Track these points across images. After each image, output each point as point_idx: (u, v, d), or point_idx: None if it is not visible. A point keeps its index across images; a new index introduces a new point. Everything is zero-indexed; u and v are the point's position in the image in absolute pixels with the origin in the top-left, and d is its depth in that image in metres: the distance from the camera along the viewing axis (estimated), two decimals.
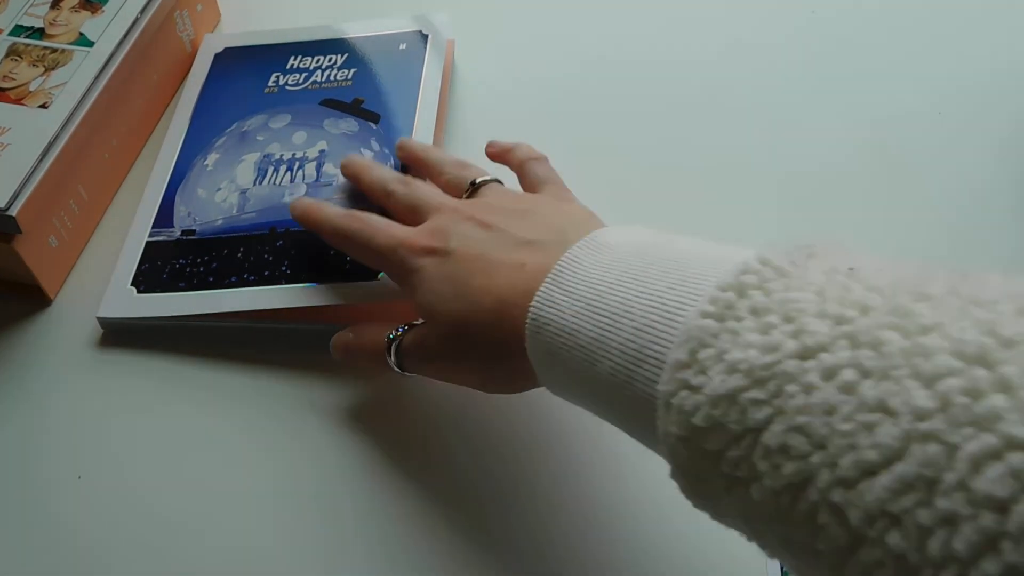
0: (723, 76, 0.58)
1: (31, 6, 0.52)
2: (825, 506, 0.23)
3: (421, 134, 0.51)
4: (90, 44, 0.50)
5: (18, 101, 0.47)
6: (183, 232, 0.48)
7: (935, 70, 0.58)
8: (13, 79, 0.48)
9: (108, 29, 0.51)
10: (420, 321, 0.40)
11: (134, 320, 0.46)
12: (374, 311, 0.45)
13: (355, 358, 0.44)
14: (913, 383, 0.22)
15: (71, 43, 0.50)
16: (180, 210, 0.49)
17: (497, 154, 0.47)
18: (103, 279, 0.49)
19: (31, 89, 0.48)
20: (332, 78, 0.55)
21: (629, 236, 0.34)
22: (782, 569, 0.38)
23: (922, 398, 0.22)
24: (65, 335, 0.47)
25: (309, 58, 0.56)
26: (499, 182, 0.44)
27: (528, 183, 0.44)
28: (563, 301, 0.33)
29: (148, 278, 0.47)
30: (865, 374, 0.23)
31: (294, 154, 0.51)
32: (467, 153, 0.47)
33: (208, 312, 0.45)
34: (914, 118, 0.55)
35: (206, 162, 0.51)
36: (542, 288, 0.34)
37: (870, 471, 0.22)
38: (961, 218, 0.51)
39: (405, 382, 0.44)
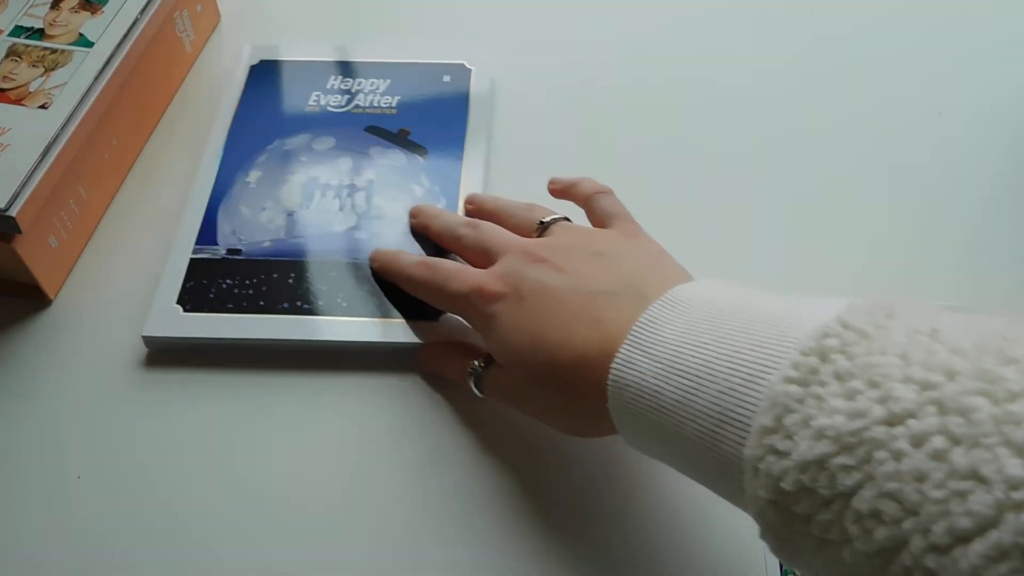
0: (724, 78, 0.59)
1: (31, 7, 0.52)
2: (919, 571, 0.24)
3: (471, 175, 0.51)
4: (90, 45, 0.50)
5: (18, 102, 0.47)
6: (228, 251, 0.48)
7: (935, 70, 0.58)
8: (13, 79, 0.48)
9: (108, 30, 0.51)
10: None
11: (181, 339, 0.45)
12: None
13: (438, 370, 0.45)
14: (1005, 451, 0.23)
15: (71, 44, 0.50)
16: (224, 227, 0.49)
17: (560, 190, 0.47)
18: (103, 280, 0.49)
19: (31, 90, 0.48)
20: (376, 104, 0.54)
21: (704, 292, 0.34)
22: (781, 568, 0.38)
23: (1015, 467, 0.22)
24: (65, 335, 0.47)
25: (350, 80, 0.56)
26: (567, 219, 0.44)
27: (596, 218, 0.44)
28: (644, 363, 0.33)
29: (194, 296, 0.46)
30: (955, 441, 0.24)
31: (341, 181, 0.51)
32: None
33: (261, 337, 0.45)
34: (914, 118, 0.56)
35: (248, 179, 0.51)
36: (622, 349, 0.33)
37: (964, 538, 0.23)
38: (961, 218, 0.51)
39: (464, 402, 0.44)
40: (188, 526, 0.41)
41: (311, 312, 0.45)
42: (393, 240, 0.48)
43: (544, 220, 0.43)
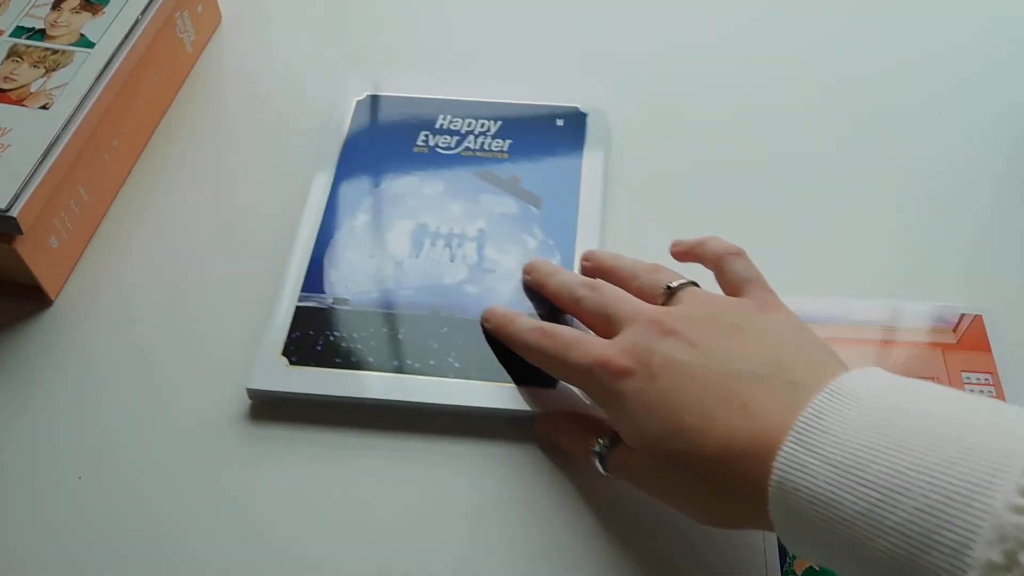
0: (724, 81, 0.59)
1: (32, 7, 0.53)
2: None
3: (587, 227, 0.49)
4: (91, 45, 0.50)
5: (19, 102, 0.47)
6: (335, 300, 0.46)
7: (935, 71, 0.58)
8: (14, 80, 0.49)
9: (109, 30, 0.51)
10: None
11: (286, 394, 0.43)
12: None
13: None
14: None
15: (72, 44, 0.50)
16: (330, 274, 0.47)
17: (686, 252, 0.44)
18: (105, 281, 0.49)
19: (32, 90, 0.48)
20: (486, 147, 0.53)
21: (873, 384, 0.31)
22: (782, 566, 0.38)
23: None
24: (66, 336, 0.47)
25: (459, 120, 0.54)
26: (696, 284, 0.41)
27: (728, 283, 0.41)
28: (814, 466, 0.30)
29: (300, 348, 0.44)
30: None
31: (451, 229, 0.49)
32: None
33: (370, 397, 0.43)
34: (914, 119, 0.56)
35: (355, 223, 0.49)
36: (786, 447, 0.30)
37: None
38: (964, 218, 0.51)
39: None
40: None
41: (421, 372, 0.43)
42: (505, 296, 0.46)
43: (671, 285, 0.40)
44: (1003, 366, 0.44)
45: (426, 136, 0.53)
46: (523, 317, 0.43)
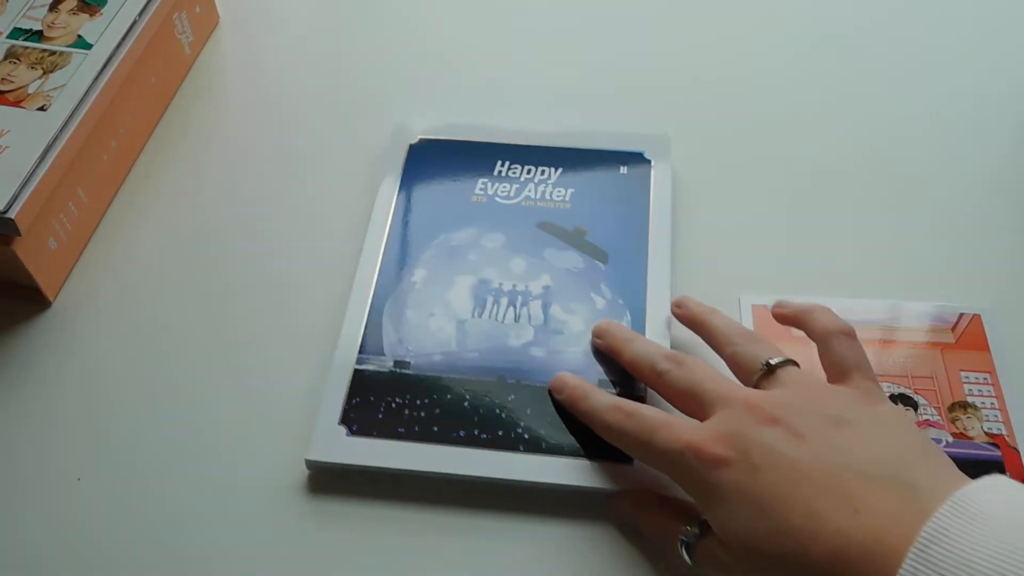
0: (726, 83, 0.59)
1: (29, 8, 0.53)
2: None
3: (657, 285, 0.46)
4: (88, 47, 0.50)
5: (17, 103, 0.47)
6: (396, 363, 0.44)
7: (932, 71, 0.58)
8: (12, 81, 0.49)
9: (106, 32, 0.51)
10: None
11: (346, 466, 0.41)
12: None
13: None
14: None
15: (70, 46, 0.50)
16: (389, 334, 0.45)
17: (789, 317, 0.42)
18: (105, 282, 0.49)
19: (29, 91, 0.48)
20: (547, 196, 0.50)
21: (1000, 495, 0.30)
22: None
23: None
24: (65, 337, 0.47)
25: (518, 166, 0.52)
26: (796, 364, 0.38)
27: (832, 366, 0.38)
28: None
29: (360, 417, 0.42)
30: None
31: (515, 285, 0.47)
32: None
33: (435, 471, 0.41)
34: (913, 120, 0.56)
35: (413, 278, 0.47)
36: (907, 566, 0.28)
37: None
38: (960, 218, 0.51)
39: None
40: None
41: (489, 444, 0.41)
42: (574, 361, 0.44)
43: (771, 362, 0.37)
44: (1001, 365, 0.44)
45: (484, 184, 0.51)
46: (599, 392, 0.41)
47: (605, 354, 0.44)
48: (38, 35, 0.51)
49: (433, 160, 0.52)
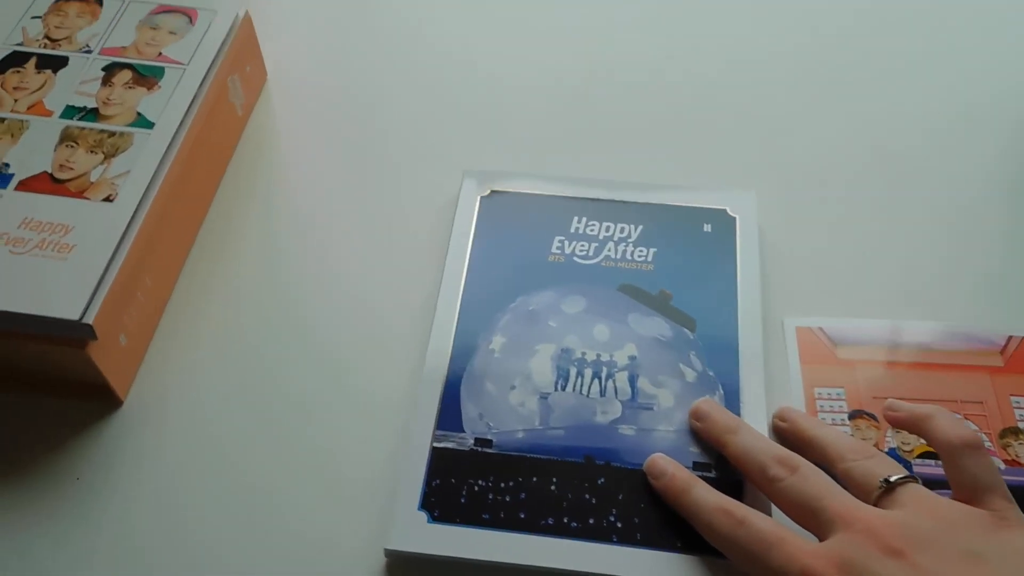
0: (725, 83, 0.58)
1: (81, 84, 0.49)
2: None
3: (750, 355, 0.44)
4: (150, 125, 0.47)
5: (79, 194, 0.44)
6: (477, 440, 0.42)
7: (934, 72, 0.59)
8: (71, 169, 0.45)
9: (167, 108, 0.48)
10: None
11: (429, 556, 0.39)
12: None
13: None
14: None
15: (129, 124, 0.47)
16: (468, 408, 0.43)
17: (905, 421, 0.39)
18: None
19: (92, 180, 0.45)
20: (629, 256, 0.48)
21: None
22: None
23: None
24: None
25: (596, 223, 0.49)
26: (916, 480, 0.36)
27: (961, 485, 0.35)
28: None
29: (442, 501, 0.40)
30: None
31: (599, 355, 0.44)
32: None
33: (525, 564, 0.38)
34: (912, 120, 0.56)
35: (491, 346, 0.45)
36: None
37: None
38: (959, 219, 0.51)
39: None
40: None
41: (579, 533, 0.39)
42: (666, 441, 0.41)
43: (890, 479, 0.35)
44: None
45: (561, 242, 0.48)
46: (701, 486, 0.38)
47: (707, 441, 0.41)
48: (93, 113, 0.48)
49: (506, 215, 0.50)
